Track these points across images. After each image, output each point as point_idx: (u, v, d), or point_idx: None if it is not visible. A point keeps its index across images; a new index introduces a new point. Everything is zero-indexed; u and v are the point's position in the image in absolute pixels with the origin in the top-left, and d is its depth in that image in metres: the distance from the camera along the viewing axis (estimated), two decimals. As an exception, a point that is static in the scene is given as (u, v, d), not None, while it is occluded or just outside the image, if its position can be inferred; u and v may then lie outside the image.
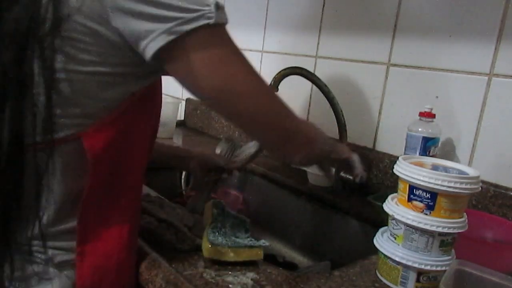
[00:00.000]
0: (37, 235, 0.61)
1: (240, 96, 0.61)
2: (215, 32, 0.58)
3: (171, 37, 0.54)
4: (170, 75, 0.60)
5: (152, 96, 0.65)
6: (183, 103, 1.80)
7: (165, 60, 0.57)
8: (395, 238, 0.66)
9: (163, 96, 0.72)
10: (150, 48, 0.55)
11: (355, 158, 0.79)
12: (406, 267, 0.64)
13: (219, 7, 0.57)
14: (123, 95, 0.60)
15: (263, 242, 0.69)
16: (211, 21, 0.55)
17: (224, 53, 0.59)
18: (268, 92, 0.65)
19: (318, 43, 1.23)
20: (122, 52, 0.57)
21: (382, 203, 0.68)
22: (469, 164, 0.92)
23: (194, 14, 0.54)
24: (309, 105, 1.27)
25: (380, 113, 1.09)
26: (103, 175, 0.61)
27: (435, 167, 0.65)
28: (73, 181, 0.61)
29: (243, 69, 0.61)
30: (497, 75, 0.88)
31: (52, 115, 0.57)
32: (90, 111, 0.59)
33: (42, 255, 0.62)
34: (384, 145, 1.08)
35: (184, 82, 0.60)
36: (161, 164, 0.99)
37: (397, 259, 0.64)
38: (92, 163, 0.59)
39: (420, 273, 0.63)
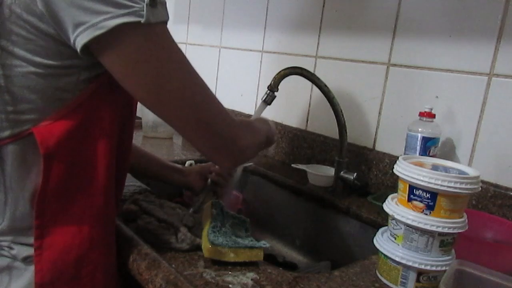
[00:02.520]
0: (2, 231, 0.62)
1: (169, 105, 0.59)
2: (147, 32, 0.55)
3: (97, 32, 0.52)
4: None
5: (115, 88, 0.62)
6: (183, 103, 1.80)
7: (97, 55, 0.55)
8: (395, 238, 0.66)
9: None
10: (78, 42, 0.53)
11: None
12: (406, 267, 0.64)
13: (155, 5, 0.54)
14: (75, 85, 0.59)
15: (264, 243, 0.69)
16: (142, 19, 0.53)
17: (155, 55, 0.56)
18: (203, 100, 0.62)
19: (318, 43, 1.23)
20: (59, 44, 0.55)
21: (382, 203, 0.68)
22: (469, 164, 0.92)
23: (124, 10, 0.52)
24: (309, 105, 1.27)
25: (380, 113, 1.09)
26: (60, 169, 0.60)
27: (435, 167, 0.65)
28: (31, 177, 0.60)
29: (174, 74, 0.58)
30: (497, 75, 0.88)
31: None
32: (40, 105, 0.58)
33: (9, 250, 0.62)
34: (384, 145, 1.08)
35: (119, 80, 0.58)
36: (156, 177, 1.00)
37: (397, 259, 0.64)
38: (47, 158, 0.58)
39: (420, 273, 0.63)
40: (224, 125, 0.65)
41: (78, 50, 0.54)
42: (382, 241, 0.67)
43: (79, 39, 0.53)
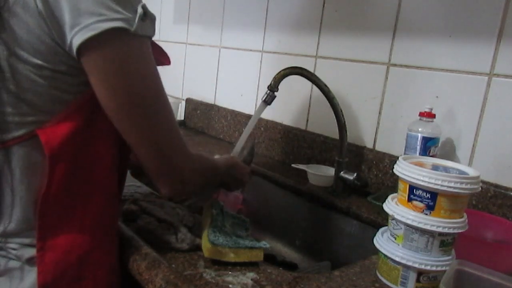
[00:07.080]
0: (6, 232, 0.62)
1: (129, 118, 0.58)
2: (132, 41, 0.56)
3: (90, 34, 0.52)
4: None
5: None
6: (183, 103, 1.80)
7: (83, 55, 0.55)
8: (395, 238, 0.66)
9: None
10: (74, 43, 0.53)
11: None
12: (406, 267, 0.64)
13: (146, 19, 0.55)
14: (76, 87, 0.59)
15: (264, 243, 0.69)
16: (131, 28, 0.54)
17: (133, 67, 0.57)
18: (164, 124, 0.62)
19: (318, 43, 1.23)
20: (57, 46, 0.55)
21: (382, 203, 0.68)
22: (469, 164, 0.92)
23: (117, 15, 0.53)
24: (309, 105, 1.27)
25: (380, 113, 1.09)
26: (64, 171, 0.60)
27: (435, 167, 0.65)
28: (36, 179, 0.60)
29: (145, 90, 0.58)
30: (497, 75, 0.88)
31: (3, 114, 0.57)
32: (42, 107, 0.58)
33: (15, 251, 0.62)
34: (384, 145, 1.08)
35: (92, 84, 0.57)
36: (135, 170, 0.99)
37: (397, 259, 0.64)
38: (51, 159, 0.58)
39: (420, 273, 0.63)
40: (177, 154, 0.64)
41: (74, 51, 0.54)
42: (382, 241, 0.67)
43: (75, 40, 0.53)
